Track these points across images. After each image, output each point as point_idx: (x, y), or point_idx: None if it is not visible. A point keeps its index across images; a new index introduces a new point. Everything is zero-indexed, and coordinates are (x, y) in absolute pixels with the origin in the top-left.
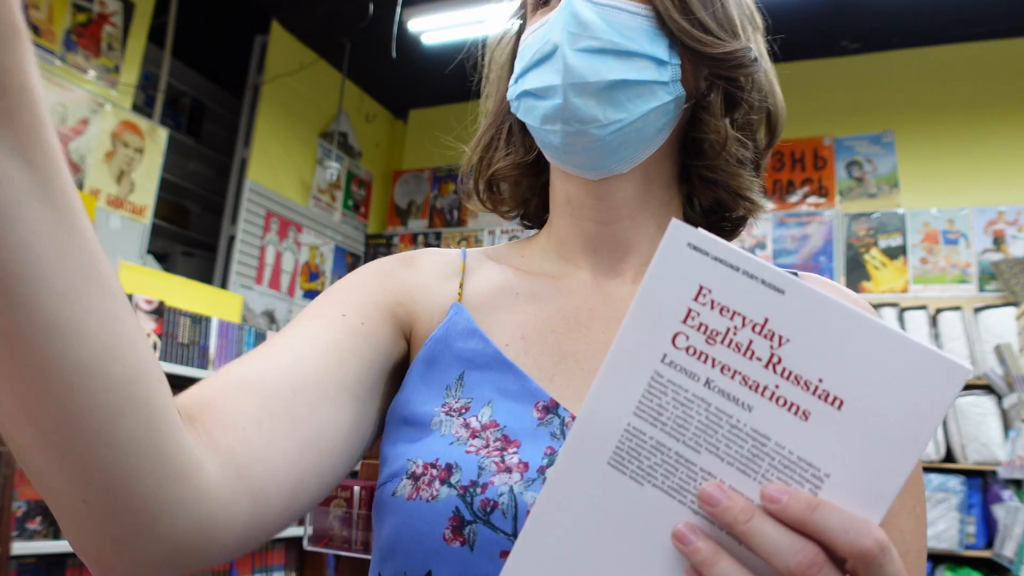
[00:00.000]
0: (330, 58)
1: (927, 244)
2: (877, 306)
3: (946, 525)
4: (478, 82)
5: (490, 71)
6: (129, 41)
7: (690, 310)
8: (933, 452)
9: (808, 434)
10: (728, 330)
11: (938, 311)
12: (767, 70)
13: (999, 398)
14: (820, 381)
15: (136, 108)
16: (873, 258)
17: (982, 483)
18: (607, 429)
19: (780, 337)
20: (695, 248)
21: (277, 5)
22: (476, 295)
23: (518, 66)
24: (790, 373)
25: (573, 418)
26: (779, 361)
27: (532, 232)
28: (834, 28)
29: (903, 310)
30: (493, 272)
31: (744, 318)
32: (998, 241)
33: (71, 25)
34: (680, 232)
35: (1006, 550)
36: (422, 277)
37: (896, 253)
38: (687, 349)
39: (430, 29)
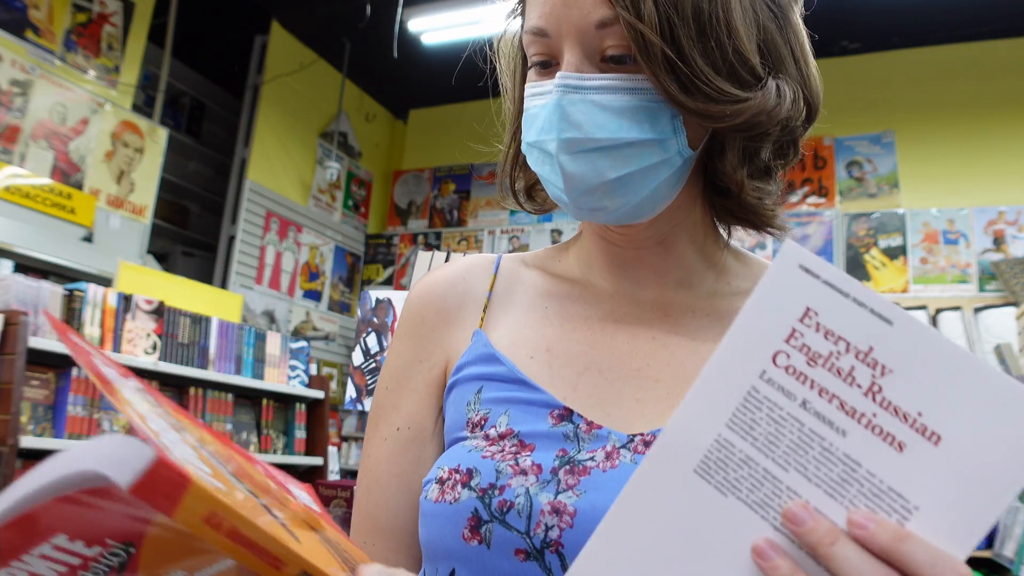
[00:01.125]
0: (330, 58)
1: (927, 244)
2: None
3: None
4: (477, 82)
5: (500, 71)
6: (129, 41)
7: (794, 330)
8: None
9: (901, 465)
10: (831, 354)
11: (938, 311)
12: (799, 56)
13: None
14: (919, 415)
15: (136, 108)
16: (873, 258)
17: None
18: (698, 437)
19: (883, 367)
20: (806, 270)
21: (277, 5)
22: (504, 311)
23: (524, 131)
24: (889, 403)
25: (588, 423)
26: (880, 390)
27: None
28: (834, 28)
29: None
30: (527, 281)
31: (848, 344)
32: (998, 241)
33: (71, 25)
34: (793, 253)
35: (1006, 550)
36: (457, 314)
37: (896, 253)
38: (787, 368)
39: (430, 29)
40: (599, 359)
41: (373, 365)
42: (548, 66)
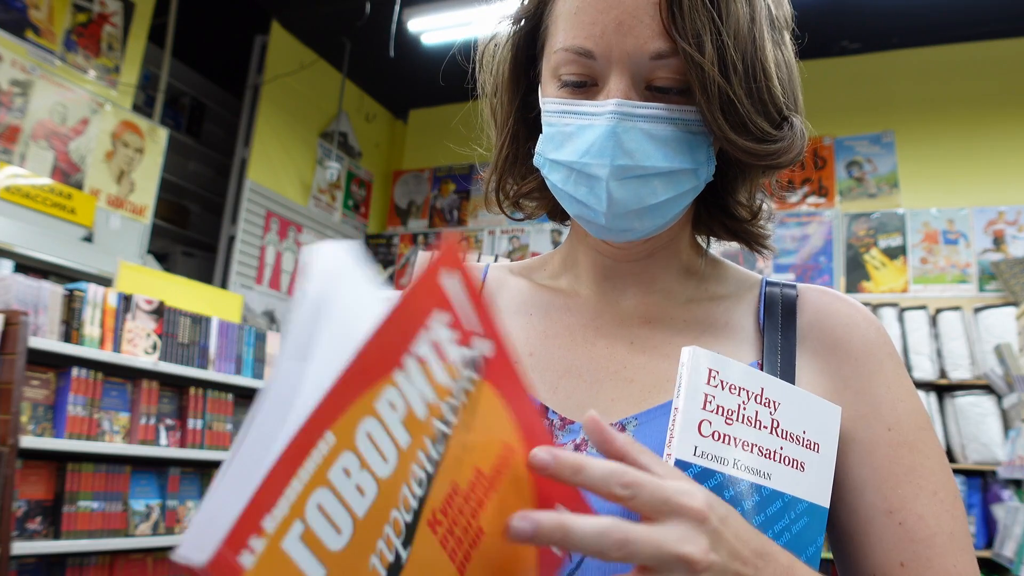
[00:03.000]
0: (330, 58)
1: (927, 244)
2: (877, 306)
3: None
4: (477, 83)
5: (486, 77)
6: (129, 41)
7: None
8: None
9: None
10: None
11: (938, 311)
12: (799, 89)
13: (999, 398)
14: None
15: (136, 108)
16: (873, 258)
17: (982, 483)
18: None
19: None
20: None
21: (277, 5)
22: None
23: (549, 146)
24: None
25: (562, 419)
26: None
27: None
28: (834, 28)
29: (903, 310)
30: (513, 288)
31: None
32: (998, 241)
33: (71, 25)
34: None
35: (1006, 550)
36: None
37: (896, 253)
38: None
39: (430, 29)
40: (579, 364)
41: None
42: (582, 87)
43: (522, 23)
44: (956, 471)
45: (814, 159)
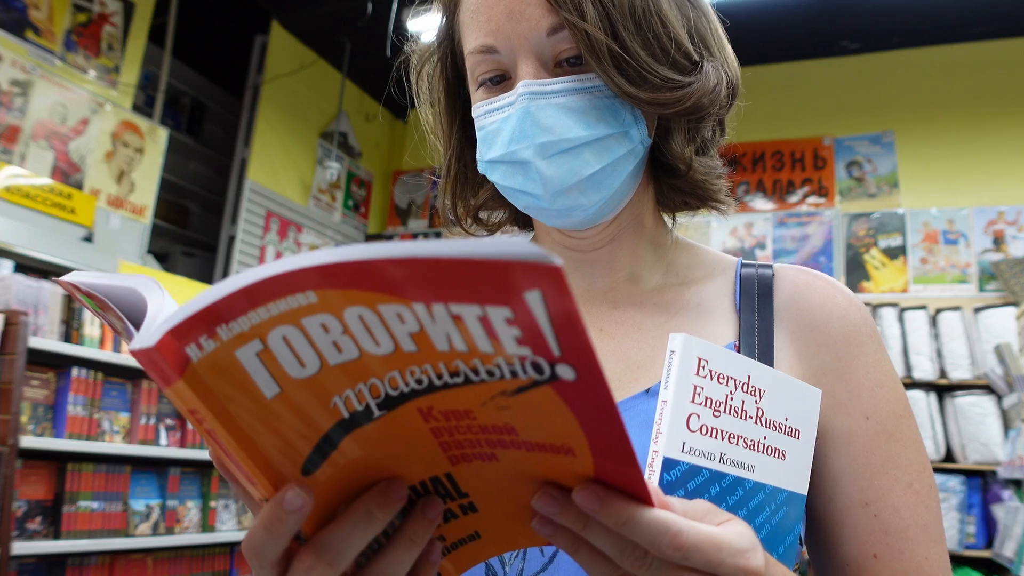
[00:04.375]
0: (330, 58)
1: (927, 244)
2: (877, 306)
3: (946, 525)
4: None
5: (424, 104)
6: (129, 41)
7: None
8: (933, 452)
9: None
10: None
11: (938, 311)
12: (717, 39)
13: (999, 398)
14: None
15: (136, 108)
16: (873, 258)
17: (982, 483)
18: None
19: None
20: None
21: (277, 5)
22: None
23: (483, 148)
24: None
25: None
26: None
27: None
28: (834, 28)
29: (903, 310)
30: None
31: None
32: (998, 241)
33: (71, 25)
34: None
35: (1006, 550)
36: None
37: (896, 253)
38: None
39: (429, 29)
40: None
41: None
42: (499, 82)
43: (442, 45)
44: (956, 471)
45: (814, 159)
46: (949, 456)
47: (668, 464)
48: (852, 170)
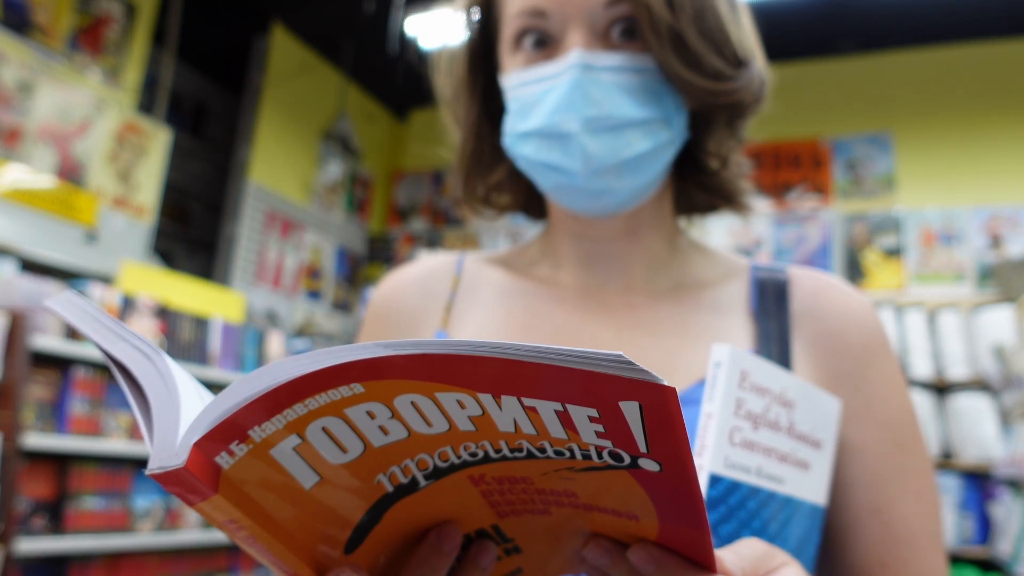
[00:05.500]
0: (331, 58)
1: (924, 244)
2: (874, 305)
3: (944, 523)
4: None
5: (443, 80)
6: (132, 42)
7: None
8: (930, 450)
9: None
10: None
11: (935, 310)
12: (755, 44)
13: (996, 397)
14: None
15: (139, 109)
16: (870, 258)
17: (979, 482)
18: None
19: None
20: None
21: (279, 6)
22: (468, 310)
23: (517, 120)
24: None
25: None
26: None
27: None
28: (833, 28)
29: (900, 309)
30: (492, 279)
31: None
32: (995, 240)
33: (74, 26)
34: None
35: (1002, 548)
36: (419, 315)
37: (893, 253)
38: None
39: (430, 29)
40: None
41: None
42: (544, 47)
43: (472, 11)
44: (953, 470)
45: (812, 159)
46: (946, 455)
47: (713, 480)
48: (850, 170)
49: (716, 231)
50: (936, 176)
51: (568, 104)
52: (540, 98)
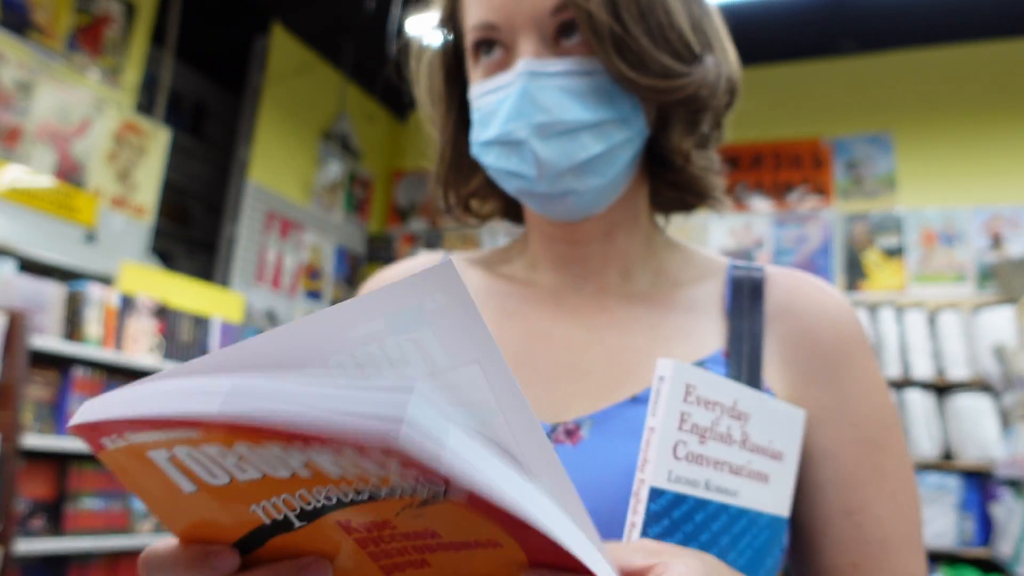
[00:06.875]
0: (331, 58)
1: (925, 244)
2: (875, 306)
3: (944, 524)
4: None
5: (421, 84)
6: (131, 42)
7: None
8: (931, 451)
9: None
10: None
11: (936, 310)
12: (719, 37)
13: (997, 397)
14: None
15: (138, 109)
16: (871, 258)
17: (979, 482)
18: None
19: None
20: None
21: (278, 6)
22: None
23: (479, 130)
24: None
25: None
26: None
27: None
28: (833, 28)
29: (901, 309)
30: (473, 281)
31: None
32: (996, 241)
33: (73, 26)
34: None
35: (1003, 548)
36: None
37: (894, 253)
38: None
39: (431, 26)
40: (534, 355)
41: None
42: (498, 61)
43: (446, 24)
44: (954, 470)
45: (812, 159)
46: (947, 455)
47: (654, 494)
48: (850, 170)
49: (717, 232)
50: (937, 176)
51: (518, 112)
52: (496, 108)
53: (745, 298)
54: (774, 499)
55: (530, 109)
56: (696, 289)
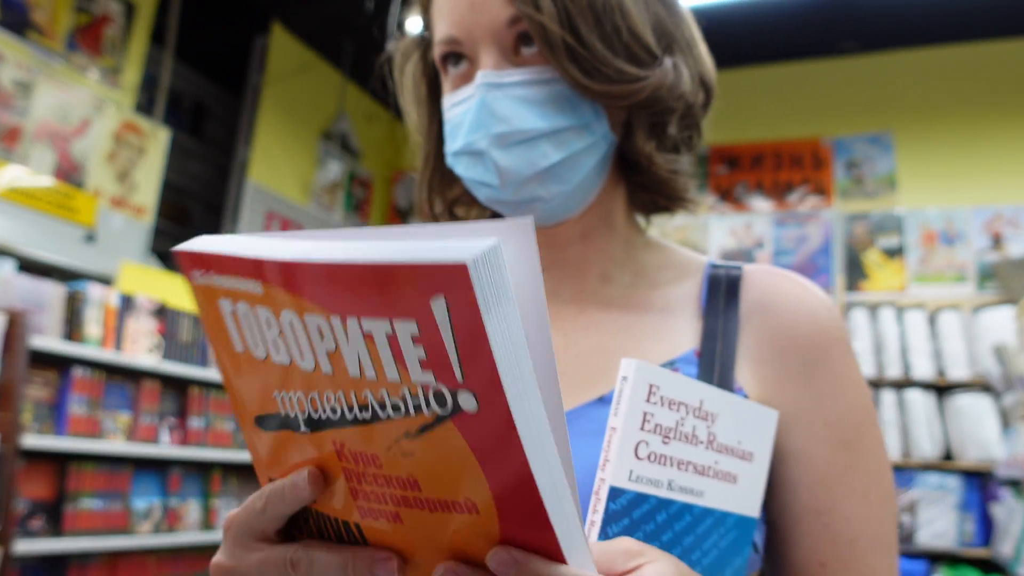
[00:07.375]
0: (330, 58)
1: (925, 244)
2: (875, 306)
3: (944, 524)
4: None
5: (405, 93)
6: (131, 42)
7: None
8: (931, 451)
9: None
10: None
11: (936, 311)
12: (690, 39)
13: (997, 397)
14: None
15: (138, 108)
16: (871, 258)
17: (980, 482)
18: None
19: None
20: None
21: (278, 5)
22: None
23: (450, 141)
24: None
25: None
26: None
27: None
28: (834, 28)
29: (901, 310)
30: None
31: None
32: (996, 241)
33: (73, 26)
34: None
35: (1004, 549)
36: None
37: (894, 253)
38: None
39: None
40: None
41: None
42: (464, 74)
43: (423, 39)
44: (954, 470)
45: (812, 159)
46: (947, 455)
47: (614, 493)
48: (851, 170)
49: (717, 232)
50: (937, 176)
51: (477, 124)
52: (461, 119)
53: (721, 297)
54: (743, 499)
55: (489, 120)
56: (674, 289)
